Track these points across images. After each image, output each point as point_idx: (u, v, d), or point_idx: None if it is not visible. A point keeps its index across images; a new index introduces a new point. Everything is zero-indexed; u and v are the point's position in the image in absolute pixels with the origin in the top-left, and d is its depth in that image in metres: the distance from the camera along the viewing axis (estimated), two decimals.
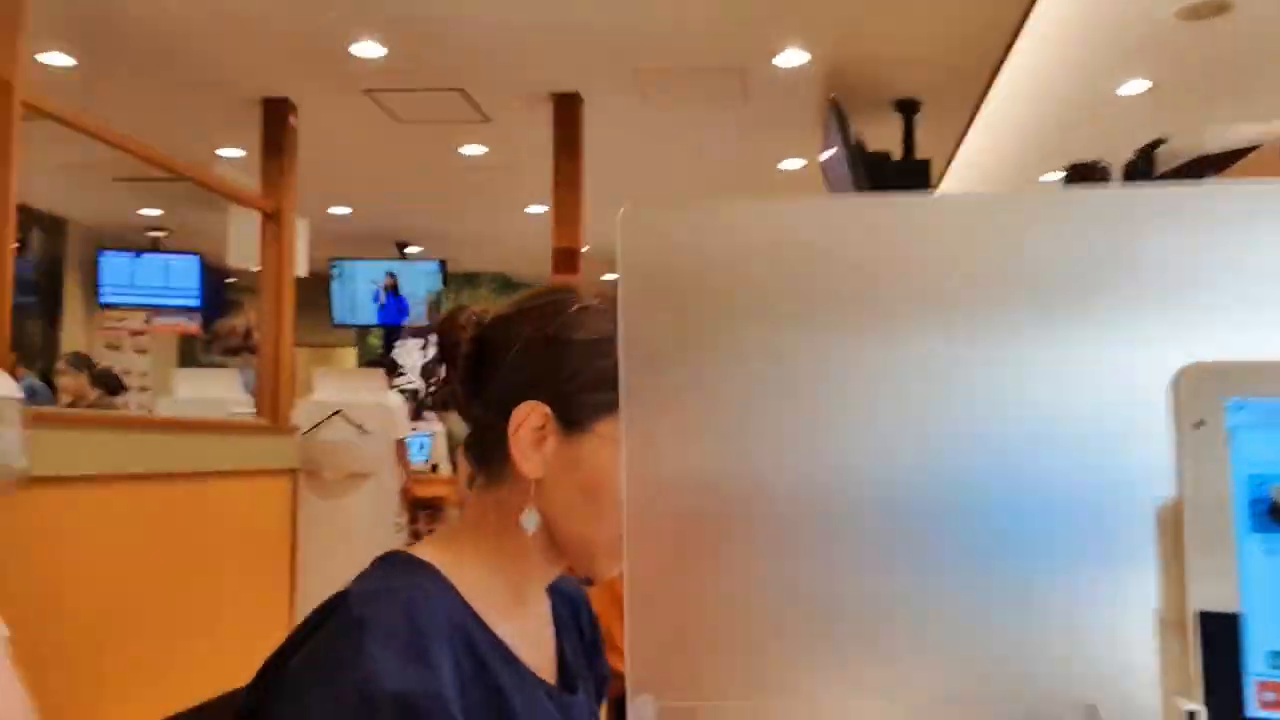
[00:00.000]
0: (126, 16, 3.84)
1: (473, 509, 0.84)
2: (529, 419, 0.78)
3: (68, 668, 2.83)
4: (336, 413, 4.34)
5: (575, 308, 0.81)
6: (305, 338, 7.11)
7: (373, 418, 4.40)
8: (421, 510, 6.18)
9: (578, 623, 0.93)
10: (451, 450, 5.89)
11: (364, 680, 0.65)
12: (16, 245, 2.96)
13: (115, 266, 7.23)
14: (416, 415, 7.74)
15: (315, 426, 4.33)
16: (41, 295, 7.47)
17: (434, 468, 6.55)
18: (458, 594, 0.76)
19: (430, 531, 6.14)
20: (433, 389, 0.88)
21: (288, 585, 4.15)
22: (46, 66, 4.27)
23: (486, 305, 0.86)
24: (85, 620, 2.93)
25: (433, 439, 6.69)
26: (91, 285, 7.42)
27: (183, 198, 6.27)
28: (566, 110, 4.61)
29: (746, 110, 4.71)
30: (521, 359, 0.81)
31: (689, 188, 6.09)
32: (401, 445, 4.96)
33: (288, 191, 4.58)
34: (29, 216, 7.07)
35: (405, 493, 5.03)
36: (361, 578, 0.77)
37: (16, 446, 2.10)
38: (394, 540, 4.69)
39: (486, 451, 0.82)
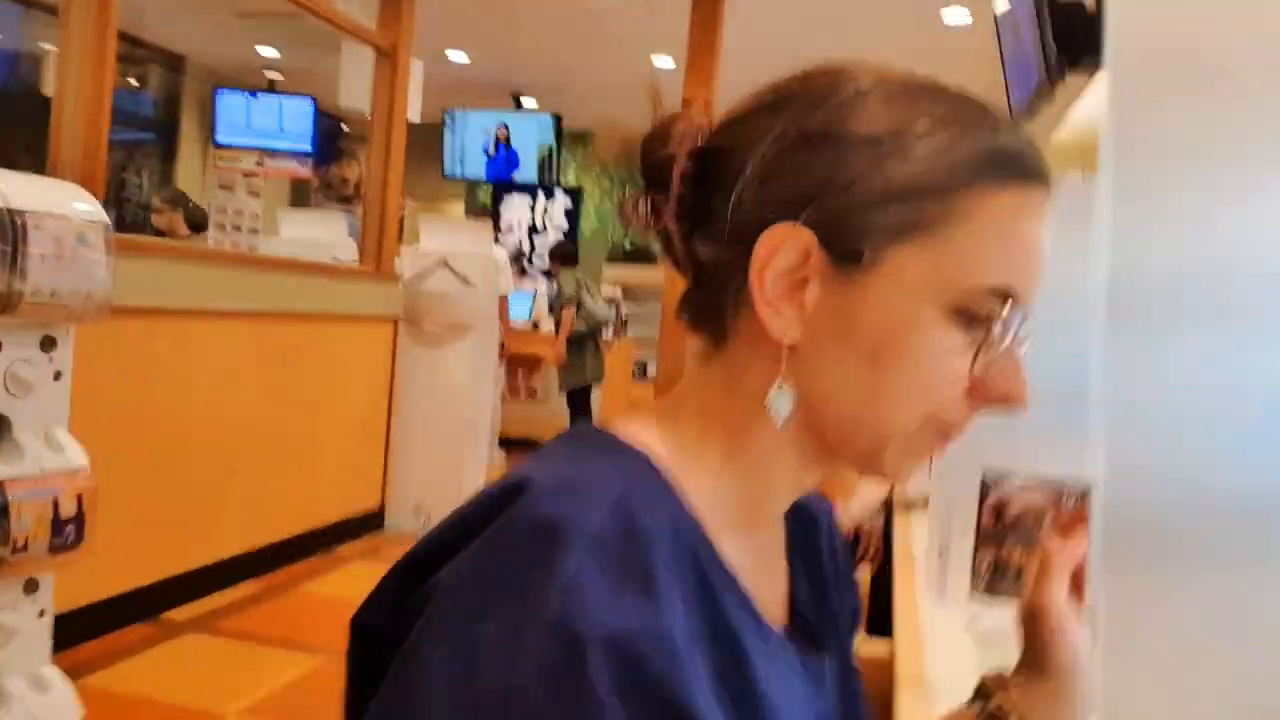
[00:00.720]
0: None
1: (691, 389, 0.59)
2: (781, 252, 0.52)
3: (150, 495, 2.84)
4: (441, 262, 4.20)
5: (849, 92, 0.54)
6: (414, 189, 6.99)
7: (477, 270, 4.25)
8: (520, 367, 6.18)
9: (818, 547, 0.68)
10: (552, 308, 5.82)
11: (562, 615, 0.43)
12: (135, 83, 2.84)
13: (231, 106, 7.19)
14: (521, 272, 7.66)
15: (419, 276, 4.21)
16: (159, 132, 7.53)
17: (535, 325, 6.50)
18: (679, 496, 0.52)
19: (531, 388, 6.18)
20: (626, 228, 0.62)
21: (383, 432, 4.15)
22: None
23: (709, 114, 0.58)
24: (174, 449, 2.92)
25: (535, 297, 6.60)
26: (208, 124, 7.43)
27: (301, 37, 6.10)
28: None
29: None
30: (769, 168, 0.53)
31: (836, 44, 5.57)
32: (503, 302, 4.87)
33: (405, 28, 4.32)
34: (149, 52, 7.05)
35: (502, 349, 5.00)
36: (545, 459, 0.54)
37: (101, 273, 1.99)
38: (493, 394, 4.62)
39: (713, 306, 0.57)
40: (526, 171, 7.98)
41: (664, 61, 6.12)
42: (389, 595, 0.50)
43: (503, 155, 7.92)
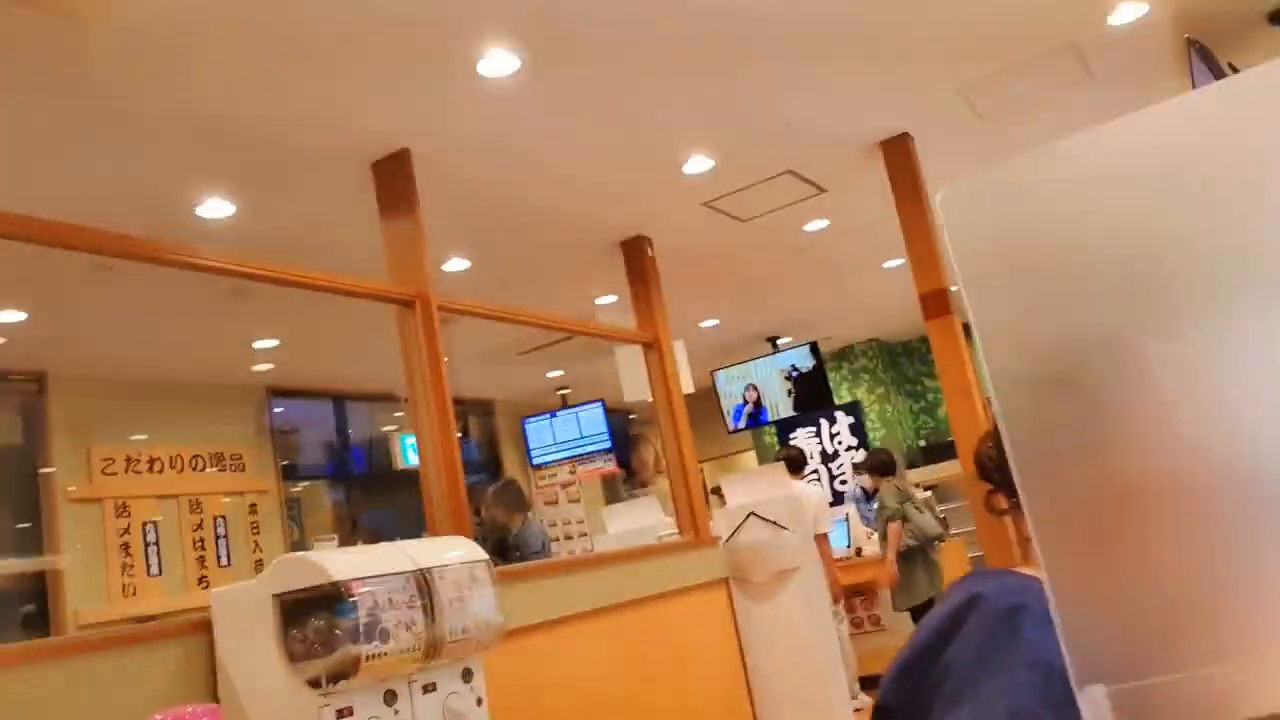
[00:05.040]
0: (508, 203, 4.41)
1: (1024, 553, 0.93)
2: None
3: None
4: (750, 514, 4.40)
5: None
6: (706, 451, 7.41)
7: (784, 513, 4.40)
8: (856, 597, 6.02)
9: None
10: (884, 522, 5.64)
11: (1034, 658, 0.73)
12: (460, 433, 3.45)
13: (538, 430, 8.15)
14: (834, 501, 7.67)
15: (734, 532, 4.42)
16: (487, 469, 8.59)
17: (858, 552, 6.38)
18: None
19: (874, 617, 5.89)
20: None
21: (744, 685, 4.21)
22: (450, 274, 5.01)
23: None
24: None
25: (847, 522, 6.54)
26: (522, 451, 8.41)
27: (577, 353, 6.96)
28: (897, 154, 4.47)
29: (1092, 88, 4.24)
30: None
31: None
32: (822, 540, 4.84)
33: (659, 320, 4.87)
34: (466, 405, 8.23)
35: (834, 585, 4.85)
36: (978, 582, 0.89)
37: (492, 604, 2.35)
38: (833, 632, 4.58)
39: None
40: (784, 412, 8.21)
41: (894, 262, 6.34)
42: (896, 684, 0.83)
43: (760, 414, 8.23)
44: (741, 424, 8.28)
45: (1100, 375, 0.41)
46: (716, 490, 5.24)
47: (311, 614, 2.12)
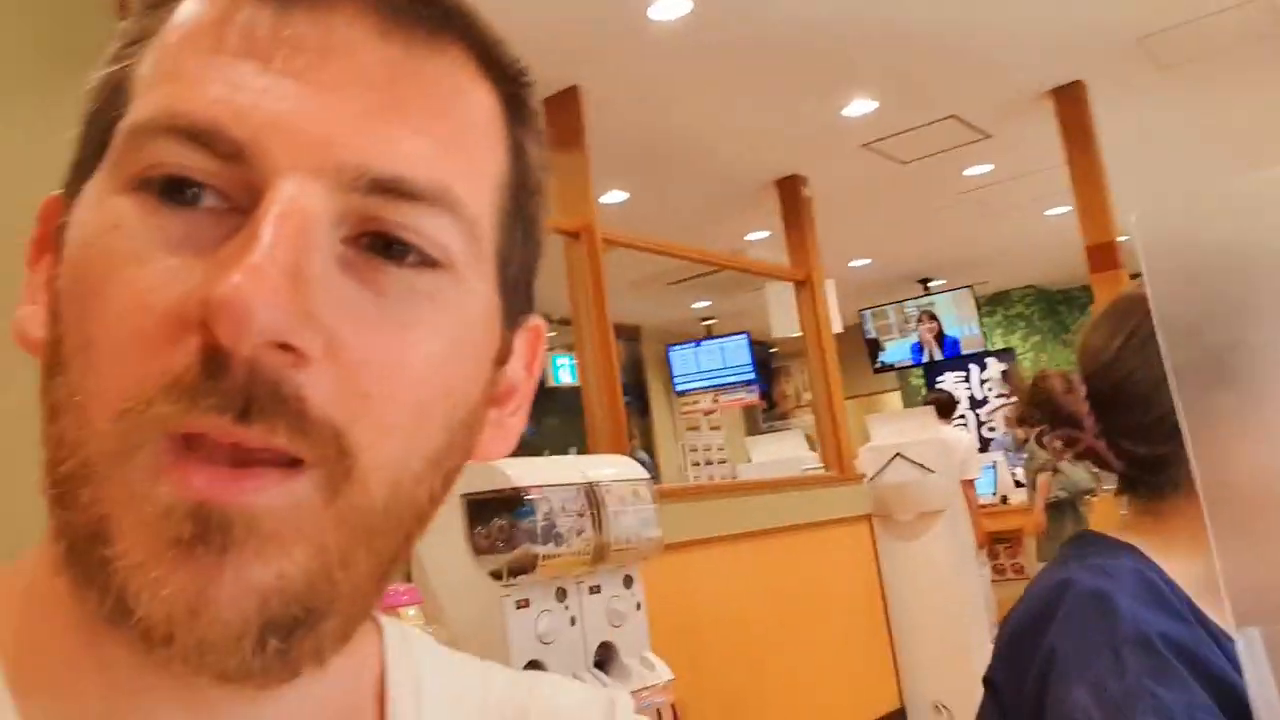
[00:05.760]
0: (668, 140, 4.54)
1: (1146, 521, 0.91)
2: None
3: (713, 696, 3.29)
4: (896, 455, 4.47)
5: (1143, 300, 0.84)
6: (850, 389, 7.45)
7: (933, 455, 4.44)
8: (1000, 544, 6.02)
9: None
10: (1033, 473, 5.58)
11: (1133, 633, 0.77)
12: None
13: (682, 358, 8.36)
14: (982, 448, 7.58)
15: (880, 471, 4.50)
16: (633, 393, 8.91)
17: (1003, 500, 6.35)
18: (1158, 567, 0.85)
19: (1017, 565, 5.85)
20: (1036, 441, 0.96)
21: (883, 621, 4.34)
22: (607, 206, 5.20)
23: (1060, 369, 0.96)
24: (722, 653, 3.39)
25: (995, 469, 6.50)
26: (667, 377, 8.66)
27: (725, 285, 7.08)
28: (1070, 103, 4.32)
29: None
30: (1154, 386, 0.85)
31: (1235, 162, 5.25)
32: (968, 486, 4.86)
33: (812, 259, 4.93)
34: (616, 330, 8.52)
35: (978, 531, 4.91)
36: (1068, 564, 0.88)
37: (652, 519, 2.57)
38: (977, 576, 4.62)
39: (1157, 480, 0.89)
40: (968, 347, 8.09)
41: (1057, 210, 6.13)
42: (1001, 662, 0.86)
43: (947, 344, 8.12)
44: (925, 358, 8.22)
45: (1258, 374, 0.49)
46: None
47: (495, 514, 2.39)
